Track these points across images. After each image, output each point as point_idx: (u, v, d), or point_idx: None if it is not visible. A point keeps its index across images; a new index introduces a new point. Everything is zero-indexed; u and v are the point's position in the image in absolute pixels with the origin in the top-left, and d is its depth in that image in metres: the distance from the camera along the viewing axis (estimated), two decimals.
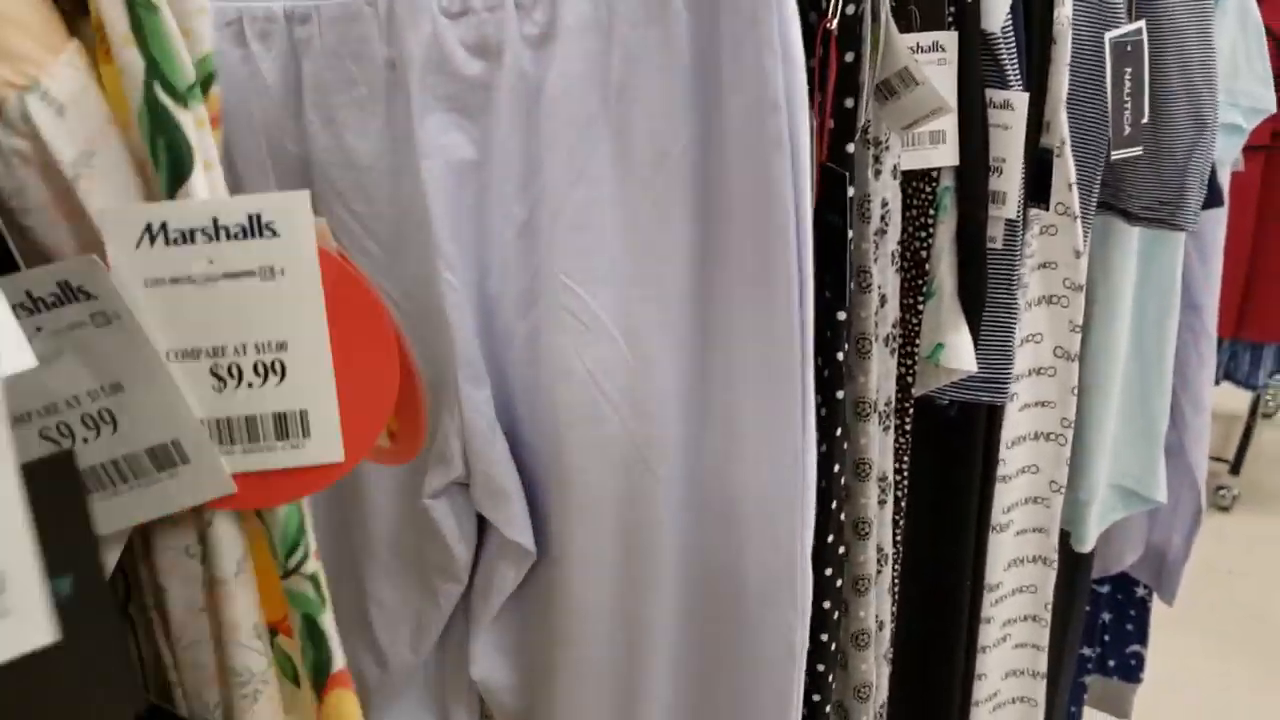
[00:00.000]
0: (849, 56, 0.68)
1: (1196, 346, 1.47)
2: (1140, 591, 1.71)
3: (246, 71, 0.69)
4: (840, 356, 0.71)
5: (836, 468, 0.75)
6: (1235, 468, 2.99)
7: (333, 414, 0.44)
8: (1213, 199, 1.19)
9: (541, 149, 0.65)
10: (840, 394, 0.73)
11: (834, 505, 0.76)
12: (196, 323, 0.42)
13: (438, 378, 0.70)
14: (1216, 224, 1.37)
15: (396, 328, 0.46)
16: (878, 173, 0.76)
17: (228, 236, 0.41)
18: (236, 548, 0.45)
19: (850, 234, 0.70)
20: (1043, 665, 1.17)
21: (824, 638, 0.78)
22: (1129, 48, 1.04)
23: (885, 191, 0.78)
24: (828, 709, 0.81)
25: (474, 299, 0.69)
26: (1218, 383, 2.46)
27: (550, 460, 0.71)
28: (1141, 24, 1.05)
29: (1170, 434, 1.51)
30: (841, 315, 0.71)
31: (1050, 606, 1.14)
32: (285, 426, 0.44)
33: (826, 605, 0.77)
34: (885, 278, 0.80)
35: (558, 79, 0.64)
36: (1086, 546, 1.40)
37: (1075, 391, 1.06)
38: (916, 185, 0.83)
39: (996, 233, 0.88)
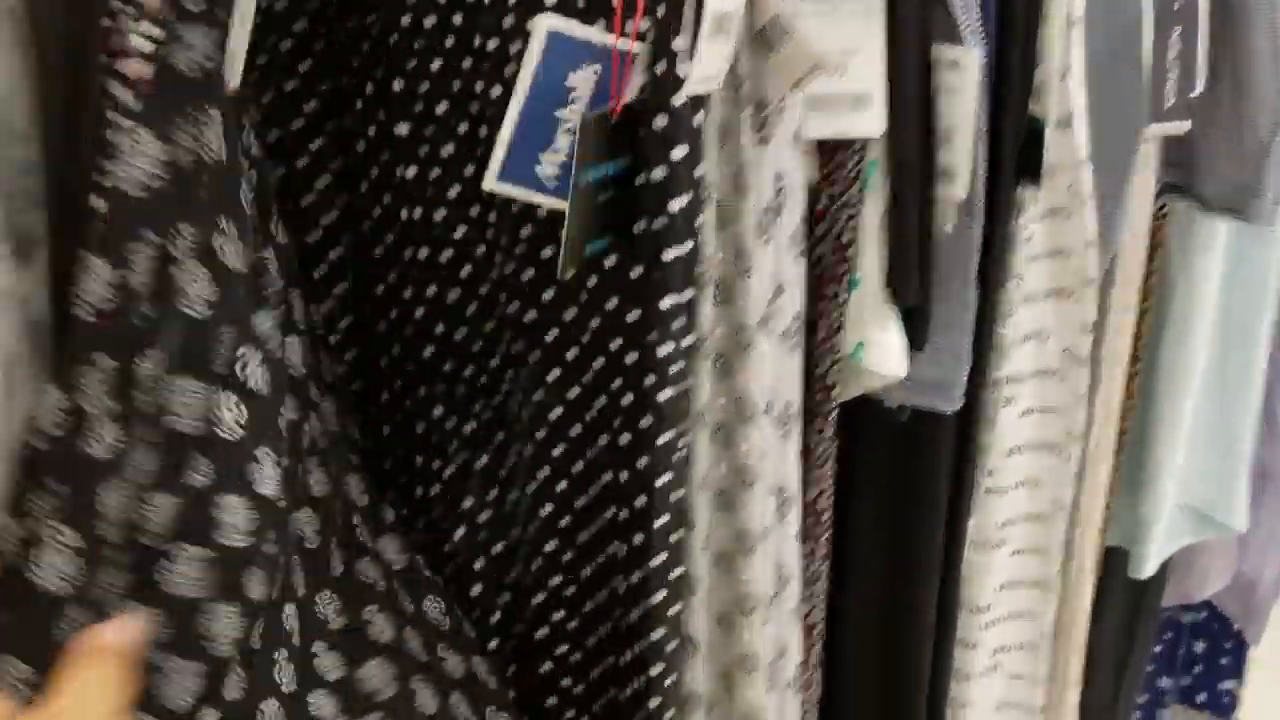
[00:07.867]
0: None
1: None
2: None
3: None
4: (664, 351, 0.62)
5: (665, 478, 0.65)
6: None
7: None
8: None
9: None
10: (664, 395, 0.63)
11: (660, 521, 0.66)
12: None
13: None
14: None
15: None
16: (763, 140, 0.66)
17: None
18: None
19: (677, 206, 0.60)
20: (1038, 699, 1.03)
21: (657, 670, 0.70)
22: (1176, 6, 0.88)
23: (779, 163, 0.67)
24: None
25: None
26: None
27: None
28: None
29: (1269, 456, 1.32)
30: (665, 304, 0.61)
31: (1048, 636, 1.00)
32: None
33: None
34: (781, 263, 0.69)
35: None
36: (1144, 572, 1.24)
37: (1084, 400, 0.92)
38: (839, 158, 0.72)
39: (947, 215, 0.75)
